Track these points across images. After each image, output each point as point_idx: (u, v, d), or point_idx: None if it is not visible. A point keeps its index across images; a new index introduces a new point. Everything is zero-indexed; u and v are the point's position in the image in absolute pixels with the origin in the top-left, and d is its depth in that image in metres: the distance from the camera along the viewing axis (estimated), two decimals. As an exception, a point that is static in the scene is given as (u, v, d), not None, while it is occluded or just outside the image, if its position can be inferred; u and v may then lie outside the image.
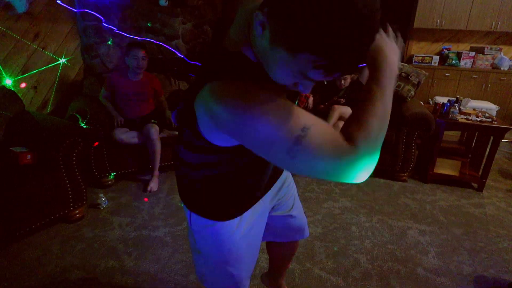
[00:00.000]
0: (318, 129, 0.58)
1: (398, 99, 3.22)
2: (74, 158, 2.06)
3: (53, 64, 2.79)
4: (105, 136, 2.49)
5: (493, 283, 1.80)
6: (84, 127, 2.26)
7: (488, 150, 2.81)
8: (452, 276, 1.84)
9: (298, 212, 1.25)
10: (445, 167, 3.01)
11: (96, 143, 2.37)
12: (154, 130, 2.57)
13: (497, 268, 1.92)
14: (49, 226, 2.12)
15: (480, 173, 2.86)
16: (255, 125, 0.56)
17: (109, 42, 3.07)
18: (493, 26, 4.69)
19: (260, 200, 1.00)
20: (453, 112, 2.79)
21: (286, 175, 1.18)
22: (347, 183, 2.86)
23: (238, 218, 0.93)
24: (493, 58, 4.80)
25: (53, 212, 2.03)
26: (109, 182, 2.66)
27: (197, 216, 0.91)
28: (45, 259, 1.87)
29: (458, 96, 2.98)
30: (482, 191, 2.83)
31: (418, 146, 2.92)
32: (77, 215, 2.20)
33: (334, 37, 0.47)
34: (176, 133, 2.77)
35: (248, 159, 0.80)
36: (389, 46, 0.69)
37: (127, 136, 2.56)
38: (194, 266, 1.08)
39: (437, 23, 4.83)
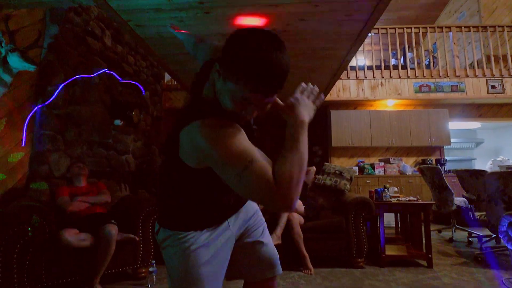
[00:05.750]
0: (260, 165, 0.82)
1: (337, 192, 3.63)
2: (15, 256, 1.75)
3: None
4: (50, 238, 2.18)
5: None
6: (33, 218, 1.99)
7: (423, 228, 3.17)
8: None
9: (269, 240, 1.25)
10: (394, 251, 3.22)
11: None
12: (115, 232, 2.35)
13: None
14: None
15: (424, 250, 3.12)
16: (220, 152, 0.83)
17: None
18: (390, 143, 5.97)
19: (228, 225, 1.12)
20: (385, 196, 3.24)
21: (255, 209, 1.27)
22: (310, 275, 2.82)
23: (197, 237, 1.04)
24: (398, 166, 5.87)
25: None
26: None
27: (163, 229, 1.06)
28: None
29: (385, 185, 3.50)
30: (432, 267, 3.03)
31: (367, 235, 3.15)
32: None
33: (251, 69, 0.79)
34: (132, 235, 2.56)
35: (210, 181, 0.97)
36: (302, 103, 0.94)
37: (77, 238, 2.28)
38: None
39: (349, 142, 5.96)
